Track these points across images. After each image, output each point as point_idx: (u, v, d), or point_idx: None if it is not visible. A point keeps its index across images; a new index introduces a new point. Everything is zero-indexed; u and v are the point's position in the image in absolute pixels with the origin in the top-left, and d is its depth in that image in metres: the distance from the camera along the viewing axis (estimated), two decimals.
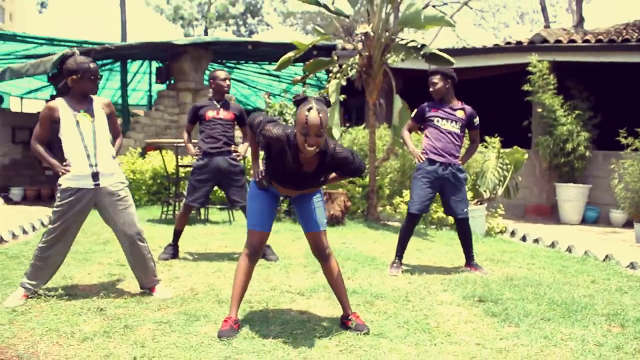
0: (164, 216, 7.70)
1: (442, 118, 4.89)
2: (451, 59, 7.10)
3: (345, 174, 3.27)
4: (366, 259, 5.18)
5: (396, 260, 4.87)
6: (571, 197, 9.27)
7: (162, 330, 3.05)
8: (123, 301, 3.59)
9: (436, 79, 4.90)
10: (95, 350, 2.75)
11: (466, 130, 5.04)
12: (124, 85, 11.91)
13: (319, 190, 3.32)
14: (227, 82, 5.25)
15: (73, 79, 3.66)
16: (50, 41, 11.67)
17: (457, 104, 4.94)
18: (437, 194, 4.98)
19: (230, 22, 31.88)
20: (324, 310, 3.58)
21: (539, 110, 9.60)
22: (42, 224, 6.78)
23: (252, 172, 3.28)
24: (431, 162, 4.85)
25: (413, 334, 3.13)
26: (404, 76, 10.86)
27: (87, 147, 3.64)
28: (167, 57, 11.33)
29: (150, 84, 14.34)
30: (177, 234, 5.15)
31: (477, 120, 4.99)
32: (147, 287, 3.86)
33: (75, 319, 3.19)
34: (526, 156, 7.81)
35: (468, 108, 4.95)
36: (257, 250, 3.26)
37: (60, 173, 3.64)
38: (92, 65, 3.69)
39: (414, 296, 3.94)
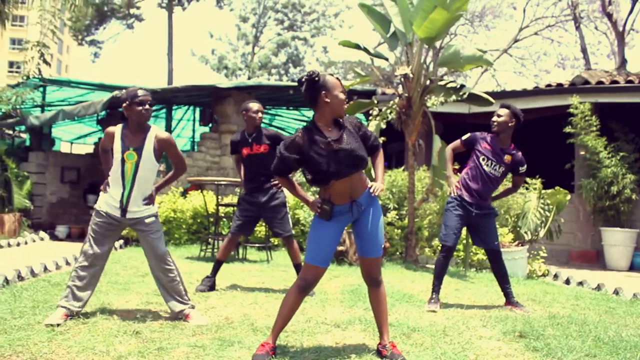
0: (202, 254, 7.77)
1: (489, 158, 4.82)
2: (490, 99, 7.11)
3: (365, 144, 3.27)
4: (404, 296, 5.09)
5: (434, 296, 4.77)
6: (618, 242, 8.96)
7: (196, 354, 3.04)
8: (159, 326, 3.62)
9: (502, 112, 4.82)
10: None
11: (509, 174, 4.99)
12: (169, 130, 12.28)
13: (379, 212, 3.27)
14: (260, 114, 5.25)
15: (125, 107, 3.83)
16: (101, 86, 12.21)
17: (509, 147, 4.89)
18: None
19: (272, 72, 32.74)
20: (360, 340, 3.51)
21: (582, 152, 9.43)
22: None
23: (311, 208, 3.25)
24: (462, 199, 4.81)
25: None
26: (443, 121, 10.87)
27: (125, 187, 3.81)
28: (210, 102, 11.67)
29: (193, 130, 14.76)
30: (217, 265, 5.19)
31: (523, 168, 4.92)
32: (180, 312, 3.88)
33: (112, 339, 3.22)
34: (569, 197, 7.64)
35: (518, 155, 4.89)
36: (310, 284, 3.21)
37: (100, 188, 3.88)
38: (140, 92, 3.84)
39: (452, 330, 3.83)
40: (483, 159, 4.82)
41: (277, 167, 3.21)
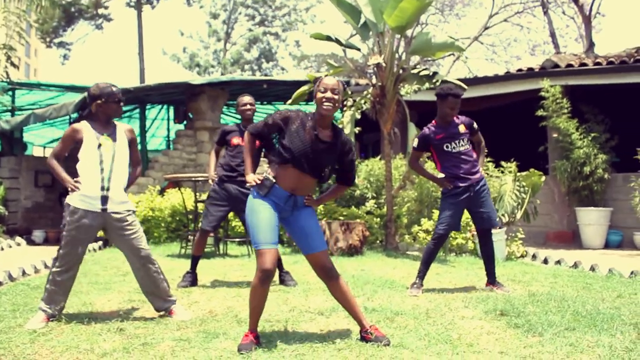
0: (183, 251, 7.74)
1: (450, 142, 4.84)
2: (463, 85, 7.17)
3: (344, 169, 3.39)
4: (385, 282, 5.14)
5: (417, 281, 4.82)
6: (592, 221, 9.13)
7: (181, 347, 3.04)
8: (142, 323, 3.60)
9: (457, 103, 4.80)
10: None
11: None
12: (143, 130, 12.15)
13: (314, 211, 3.37)
14: (248, 106, 5.25)
15: (97, 103, 3.79)
16: (72, 88, 12.03)
17: (454, 119, 4.92)
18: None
19: (245, 67, 32.57)
20: (344, 327, 3.54)
21: (554, 135, 9.58)
22: None
23: (247, 179, 3.27)
24: (457, 187, 4.84)
25: (434, 345, 3.08)
26: (418, 109, 10.95)
27: (104, 170, 3.73)
28: (184, 100, 11.58)
29: (168, 129, 14.62)
30: (195, 261, 5.17)
31: (475, 124, 4.97)
32: (164, 309, 3.86)
33: (95, 338, 3.20)
34: (543, 179, 7.77)
35: (464, 118, 4.94)
36: (271, 271, 3.08)
37: (70, 189, 3.71)
38: (114, 89, 3.83)
39: (434, 312, 3.89)
40: (446, 147, 4.84)
41: (257, 127, 3.30)
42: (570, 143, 9.31)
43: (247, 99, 5.30)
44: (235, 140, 5.25)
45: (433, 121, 4.97)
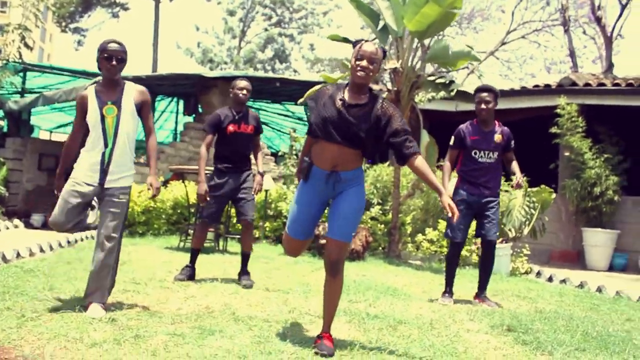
0: (182, 244, 7.60)
1: (480, 149, 4.69)
2: None
3: (394, 142, 3.04)
4: (387, 289, 4.99)
5: (447, 289, 4.79)
6: (599, 242, 8.98)
7: (174, 342, 2.91)
8: (136, 313, 3.46)
9: (490, 96, 4.64)
10: (104, 355, 2.62)
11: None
12: None
13: (361, 197, 3.11)
14: (244, 91, 5.02)
15: (98, 60, 3.57)
16: (84, 74, 11.94)
17: (495, 126, 4.77)
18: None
19: (258, 67, 32.48)
20: (345, 332, 3.41)
21: (567, 153, 9.42)
22: (60, 244, 6.73)
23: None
24: (469, 194, 4.70)
25: (439, 357, 2.94)
26: (430, 118, 10.81)
27: (107, 144, 3.55)
28: (195, 93, 11.48)
29: (176, 122, 14.53)
30: (194, 254, 5.04)
31: (512, 142, 4.82)
32: (86, 299, 3.51)
33: (85, 327, 3.07)
34: (553, 195, 7.62)
35: (506, 130, 4.79)
36: (289, 253, 3.48)
37: (55, 189, 3.70)
38: (110, 45, 3.55)
39: (438, 324, 3.75)
40: (475, 153, 4.70)
41: (309, 123, 3.18)
42: (582, 162, 9.16)
43: (244, 83, 5.07)
44: (231, 127, 5.01)
45: (474, 120, 4.82)
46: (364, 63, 3.00)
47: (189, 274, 4.96)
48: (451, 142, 4.88)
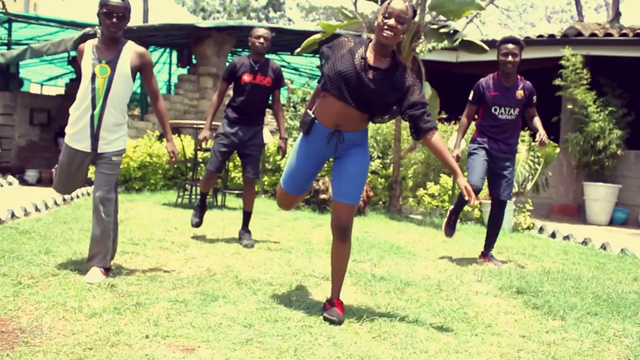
0: (179, 200, 7.48)
1: (501, 105, 4.47)
2: (485, 46, 6.81)
3: (410, 114, 2.85)
4: (391, 247, 4.91)
5: (452, 219, 4.69)
6: (600, 197, 8.90)
7: (177, 310, 2.81)
8: (135, 278, 3.35)
9: (517, 49, 4.37)
10: (104, 326, 2.51)
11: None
12: None
13: (366, 159, 2.95)
14: (262, 40, 4.74)
15: (98, 14, 3.34)
16: (72, 24, 11.52)
17: (518, 81, 4.55)
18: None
19: (251, 16, 31.70)
20: (352, 295, 3.32)
21: (570, 106, 9.23)
22: (56, 202, 6.59)
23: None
24: (489, 147, 4.53)
25: (450, 323, 2.86)
26: (429, 69, 10.53)
27: (95, 106, 3.32)
28: (188, 44, 11.14)
29: (169, 74, 14.19)
30: (203, 197, 4.97)
31: (535, 97, 4.61)
32: (88, 262, 3.39)
33: (84, 294, 2.96)
34: (557, 150, 7.48)
35: (528, 85, 4.57)
36: (281, 205, 3.31)
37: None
38: (111, 0, 3.30)
39: (446, 285, 3.67)
40: (495, 109, 4.50)
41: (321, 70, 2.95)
42: (585, 116, 8.99)
43: (262, 31, 4.80)
44: (246, 77, 4.76)
45: (494, 74, 4.60)
46: (392, 22, 2.71)
47: (200, 214, 4.93)
48: (470, 97, 4.67)
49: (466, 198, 2.85)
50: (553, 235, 6.66)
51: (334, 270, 2.99)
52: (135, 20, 11.64)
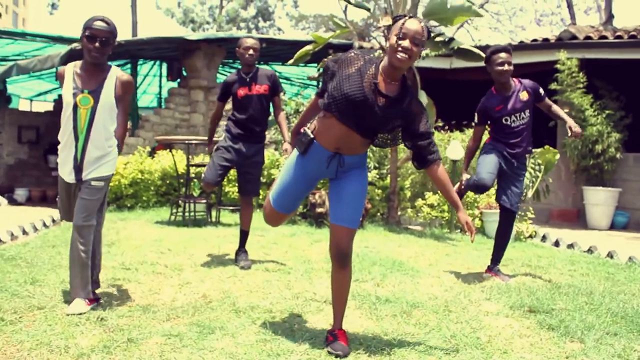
0: (173, 218, 7.29)
1: (510, 115, 4.30)
2: (482, 53, 6.66)
3: (416, 144, 2.69)
4: (394, 264, 4.73)
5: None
6: (600, 201, 8.77)
7: (171, 345, 2.62)
8: (127, 309, 3.16)
9: (510, 57, 4.21)
10: None
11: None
12: (134, 87, 11.44)
13: (365, 181, 2.79)
14: (251, 51, 4.58)
15: (81, 38, 3.13)
16: (60, 39, 11.33)
17: (516, 84, 4.38)
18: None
19: (241, 26, 31.62)
20: (357, 321, 3.14)
21: (566, 110, 9.10)
22: (44, 224, 6.39)
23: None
24: (504, 150, 4.36)
25: (464, 350, 2.68)
26: (422, 77, 10.38)
27: (78, 139, 3.13)
28: (178, 57, 10.97)
29: (160, 86, 14.00)
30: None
31: (541, 90, 4.41)
32: (71, 292, 3.19)
33: (72, 330, 2.76)
34: (558, 156, 7.32)
35: (528, 83, 4.39)
36: (267, 221, 3.04)
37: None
38: (96, 23, 3.10)
39: (454, 306, 3.49)
40: (506, 120, 4.33)
41: (322, 82, 2.77)
42: (583, 119, 8.85)
43: (250, 41, 4.63)
44: (242, 91, 4.61)
45: (491, 89, 4.44)
46: (406, 43, 2.52)
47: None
48: (475, 120, 4.49)
49: (467, 234, 2.73)
50: (557, 244, 6.51)
51: (334, 298, 2.80)
52: (124, 32, 11.45)
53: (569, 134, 4.36)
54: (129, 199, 8.30)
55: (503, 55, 4.24)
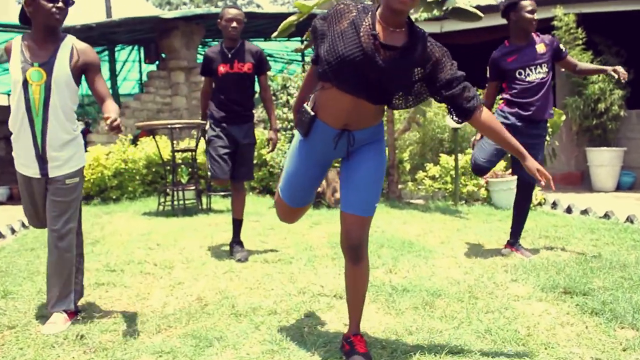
0: (161, 208, 6.87)
1: (526, 66, 3.88)
2: (479, 13, 6.23)
3: (447, 94, 2.20)
4: (403, 245, 4.36)
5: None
6: (605, 162, 8.43)
7: None
8: (112, 322, 2.76)
9: (535, 6, 3.82)
10: None
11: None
12: (113, 74, 10.97)
13: (382, 159, 2.30)
14: (234, 24, 4.10)
15: (27, 2, 2.64)
16: (26, 28, 10.74)
17: (533, 36, 3.95)
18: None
19: (219, 4, 30.79)
20: (374, 317, 2.77)
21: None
22: (23, 225, 5.96)
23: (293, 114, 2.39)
24: (518, 119, 3.92)
25: (503, 348, 2.32)
26: None
27: (34, 121, 2.67)
28: (155, 38, 10.43)
29: (140, 72, 13.45)
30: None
31: (562, 45, 4.01)
32: (48, 306, 2.79)
33: (47, 353, 2.37)
34: (563, 117, 6.98)
35: (547, 37, 3.98)
36: (281, 219, 2.65)
37: None
38: None
39: (479, 291, 3.13)
40: (520, 72, 3.89)
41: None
42: (584, 78, 8.48)
43: (234, 12, 4.13)
44: (222, 68, 4.15)
45: (504, 42, 4.02)
46: None
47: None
48: (488, 75, 4.07)
49: (542, 183, 2.35)
50: (569, 210, 6.17)
51: (349, 298, 2.35)
52: (98, 18, 10.87)
53: (616, 77, 3.92)
54: (114, 190, 7.86)
55: (531, 1, 3.85)
